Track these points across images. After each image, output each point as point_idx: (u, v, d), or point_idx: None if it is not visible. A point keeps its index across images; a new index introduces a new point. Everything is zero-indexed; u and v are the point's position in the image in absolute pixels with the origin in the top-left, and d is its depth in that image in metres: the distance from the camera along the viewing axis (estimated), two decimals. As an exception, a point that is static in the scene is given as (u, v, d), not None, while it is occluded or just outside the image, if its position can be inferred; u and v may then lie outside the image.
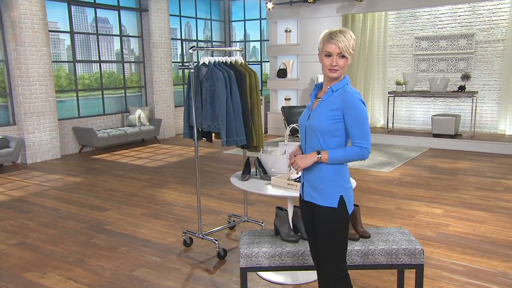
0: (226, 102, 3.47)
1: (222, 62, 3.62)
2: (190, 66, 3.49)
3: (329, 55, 2.07)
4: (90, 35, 9.04)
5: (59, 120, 8.21)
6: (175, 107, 10.50)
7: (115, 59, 9.64)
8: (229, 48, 4.46)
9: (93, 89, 9.19)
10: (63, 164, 7.59)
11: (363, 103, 2.07)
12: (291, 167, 2.18)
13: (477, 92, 8.63)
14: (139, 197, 5.46)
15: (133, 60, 10.02)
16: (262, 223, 4.08)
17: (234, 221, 4.26)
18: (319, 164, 2.12)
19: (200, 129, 3.70)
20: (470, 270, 3.32)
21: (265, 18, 11.55)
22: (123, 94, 9.70)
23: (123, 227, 4.42)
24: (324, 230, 2.16)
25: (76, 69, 8.75)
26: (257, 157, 3.40)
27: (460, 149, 8.05)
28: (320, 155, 2.08)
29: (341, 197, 2.12)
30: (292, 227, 2.83)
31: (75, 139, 8.57)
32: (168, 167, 7.16)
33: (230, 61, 3.68)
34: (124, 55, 9.70)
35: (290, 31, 9.83)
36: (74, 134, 8.53)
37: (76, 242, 4.08)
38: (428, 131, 8.98)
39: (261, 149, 3.53)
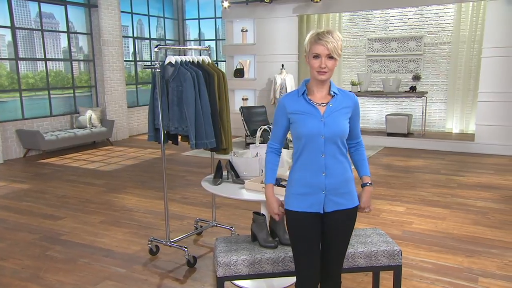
0: (194, 104, 3.32)
1: (189, 61, 3.47)
2: (156, 66, 3.31)
3: (317, 56, 1.98)
4: (34, 31, 8.48)
5: (0, 122, 7.62)
6: (128, 107, 10.10)
7: (62, 57, 9.11)
8: (196, 47, 4.33)
9: (38, 88, 8.63)
10: (7, 170, 7.04)
11: None
12: (365, 211, 2.18)
13: (427, 92, 9.00)
14: (96, 204, 5.15)
15: (82, 59, 9.52)
16: (231, 227, 3.96)
17: (201, 226, 4.11)
18: (343, 166, 2.10)
19: (165, 131, 3.52)
20: (438, 267, 3.40)
21: (220, 17, 11.41)
22: (72, 94, 9.18)
23: (81, 237, 4.14)
24: (348, 233, 2.16)
25: (19, 67, 8.16)
26: (229, 160, 3.28)
27: (412, 147, 8.34)
28: (369, 183, 2.21)
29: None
30: (270, 232, 2.75)
31: (19, 142, 7.99)
32: (124, 170, 6.84)
33: (197, 61, 3.54)
34: (72, 53, 9.18)
35: (246, 30, 9.75)
36: (18, 137, 7.95)
37: (29, 255, 3.76)
38: (382, 130, 9.25)
39: (232, 151, 3.41)
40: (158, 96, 3.35)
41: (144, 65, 10.44)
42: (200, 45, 11.79)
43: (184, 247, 3.49)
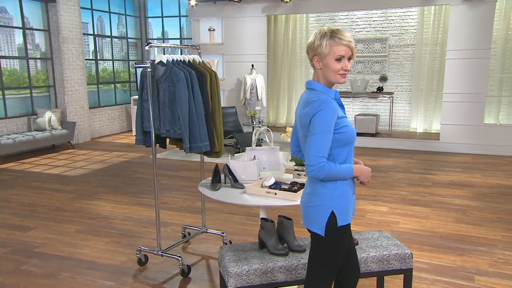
0: (188, 105, 3.15)
1: (181, 60, 3.30)
2: (147, 65, 3.11)
3: (340, 59, 1.85)
4: (-14, 27, 7.87)
5: (-50, 124, 7.00)
6: (89, 108, 9.61)
7: (17, 55, 8.51)
8: (187, 45, 4.15)
9: (-9, 88, 8.01)
10: (-41, 177, 6.47)
11: None
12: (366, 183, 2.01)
13: (393, 93, 9.23)
14: (68, 212, 4.81)
15: (39, 57, 8.95)
16: (223, 233, 3.80)
17: (189, 233, 3.92)
18: None
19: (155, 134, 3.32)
20: (434, 267, 3.43)
21: (185, 15, 11.15)
22: (29, 95, 8.59)
23: (58, 248, 3.83)
24: None
25: (-30, 65, 7.54)
26: (226, 164, 3.14)
27: (380, 147, 8.51)
28: None
29: None
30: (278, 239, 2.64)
31: (-29, 146, 7.37)
32: (93, 175, 6.47)
33: (189, 60, 3.37)
34: (28, 51, 8.60)
35: (214, 29, 9.56)
36: (-30, 140, 7.33)
37: (1, 271, 3.42)
38: (350, 130, 9.36)
39: (229, 155, 3.27)
40: (149, 96, 3.15)
41: (135, 64, 10.01)
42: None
43: (177, 256, 3.31)
